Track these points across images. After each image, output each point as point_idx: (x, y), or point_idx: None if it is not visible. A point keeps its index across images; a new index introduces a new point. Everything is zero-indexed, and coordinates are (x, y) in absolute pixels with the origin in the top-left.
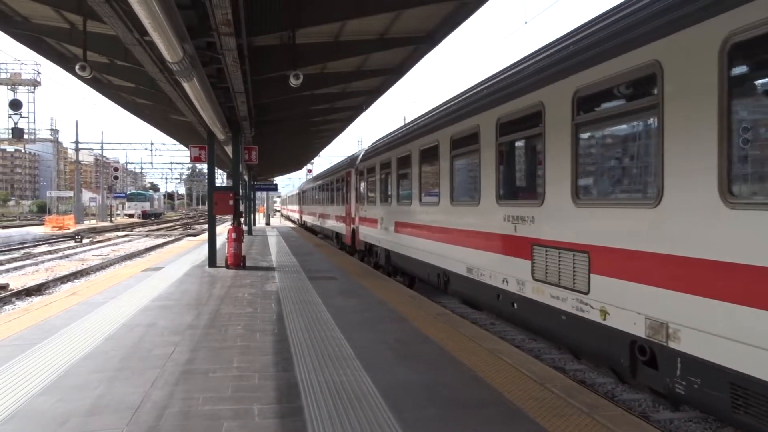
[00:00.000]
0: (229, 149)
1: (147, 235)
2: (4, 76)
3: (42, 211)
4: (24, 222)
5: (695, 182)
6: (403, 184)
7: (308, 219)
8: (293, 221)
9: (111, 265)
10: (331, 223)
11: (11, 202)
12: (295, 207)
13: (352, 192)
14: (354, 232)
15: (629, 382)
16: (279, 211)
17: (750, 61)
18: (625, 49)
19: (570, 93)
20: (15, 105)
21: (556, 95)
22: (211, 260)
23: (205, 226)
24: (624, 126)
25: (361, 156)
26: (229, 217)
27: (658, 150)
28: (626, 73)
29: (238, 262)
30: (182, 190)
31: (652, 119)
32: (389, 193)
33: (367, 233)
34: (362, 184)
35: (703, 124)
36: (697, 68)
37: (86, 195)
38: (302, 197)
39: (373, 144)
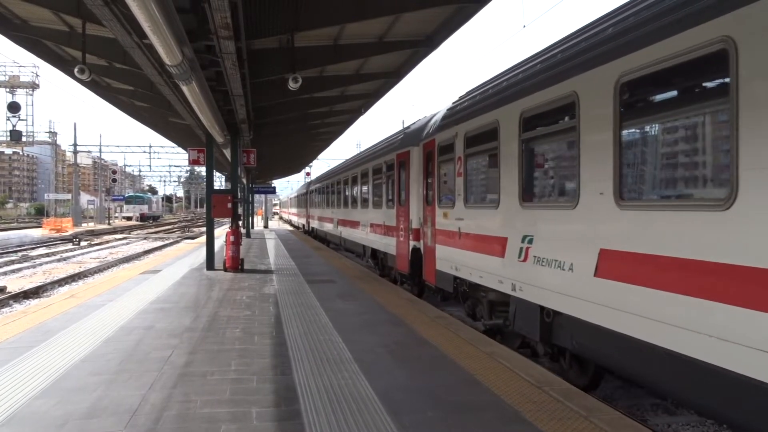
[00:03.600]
0: (227, 152)
1: (145, 238)
2: (2, 78)
3: (40, 213)
4: (22, 224)
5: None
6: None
7: (319, 226)
8: (295, 226)
9: (109, 267)
10: (362, 236)
11: (9, 205)
12: (300, 210)
13: (412, 186)
14: (417, 254)
15: None
16: (277, 213)
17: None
18: None
19: None
20: (13, 107)
21: None
22: (209, 263)
23: (203, 229)
24: None
25: (439, 121)
26: (227, 220)
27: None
28: None
29: (236, 265)
30: (180, 193)
31: None
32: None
33: (467, 262)
34: (444, 171)
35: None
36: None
37: (84, 198)
38: (310, 198)
39: (483, 86)
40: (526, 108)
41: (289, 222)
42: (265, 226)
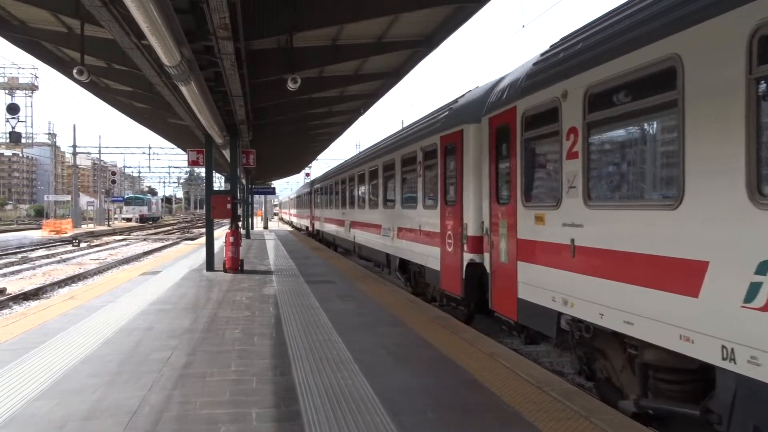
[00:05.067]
0: (227, 153)
1: (145, 239)
2: (1, 80)
3: (39, 215)
4: (21, 226)
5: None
6: None
7: (327, 228)
8: (297, 228)
9: (109, 269)
10: (385, 242)
11: (9, 207)
12: (302, 211)
13: (467, 179)
14: (476, 270)
15: None
16: (277, 214)
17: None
18: None
19: None
20: (13, 109)
21: None
22: (209, 264)
23: (203, 230)
24: None
25: (524, 80)
26: (227, 221)
27: None
28: None
29: (236, 265)
30: (180, 194)
31: None
32: None
33: (592, 295)
34: (536, 152)
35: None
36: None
37: (84, 199)
38: (315, 198)
39: (622, 9)
40: None
41: (290, 223)
42: (265, 227)
